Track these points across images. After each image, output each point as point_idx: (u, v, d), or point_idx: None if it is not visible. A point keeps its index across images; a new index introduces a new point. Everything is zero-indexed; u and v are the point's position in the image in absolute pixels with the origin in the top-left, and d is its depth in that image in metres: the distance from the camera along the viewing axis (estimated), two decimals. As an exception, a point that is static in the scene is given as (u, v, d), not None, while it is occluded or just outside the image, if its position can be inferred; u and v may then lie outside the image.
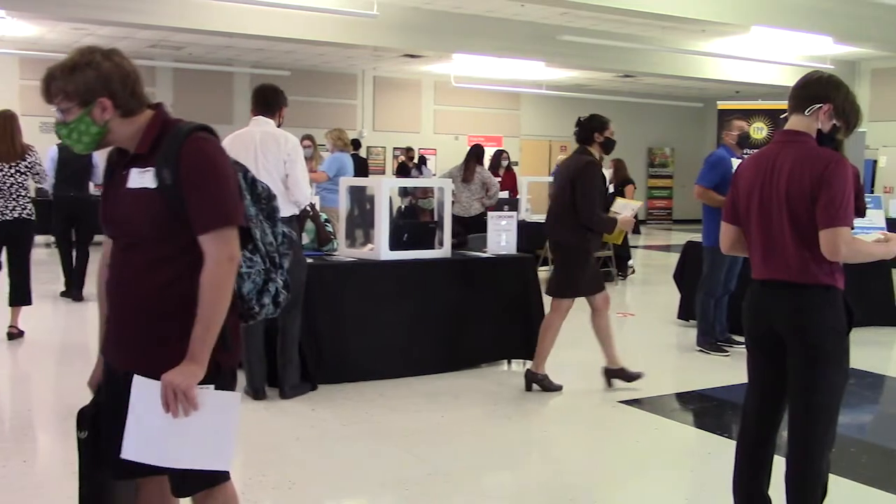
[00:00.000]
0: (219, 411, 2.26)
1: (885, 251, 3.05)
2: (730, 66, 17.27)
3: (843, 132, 3.10)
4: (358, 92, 20.00)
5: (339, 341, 5.71)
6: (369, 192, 6.32)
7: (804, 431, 3.02)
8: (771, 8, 12.54)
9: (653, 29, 14.80)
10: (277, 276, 2.49)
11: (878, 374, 6.57)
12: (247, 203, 2.40)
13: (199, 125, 2.33)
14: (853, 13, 13.09)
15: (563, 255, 5.70)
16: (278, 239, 2.51)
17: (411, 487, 4.01)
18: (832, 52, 15.64)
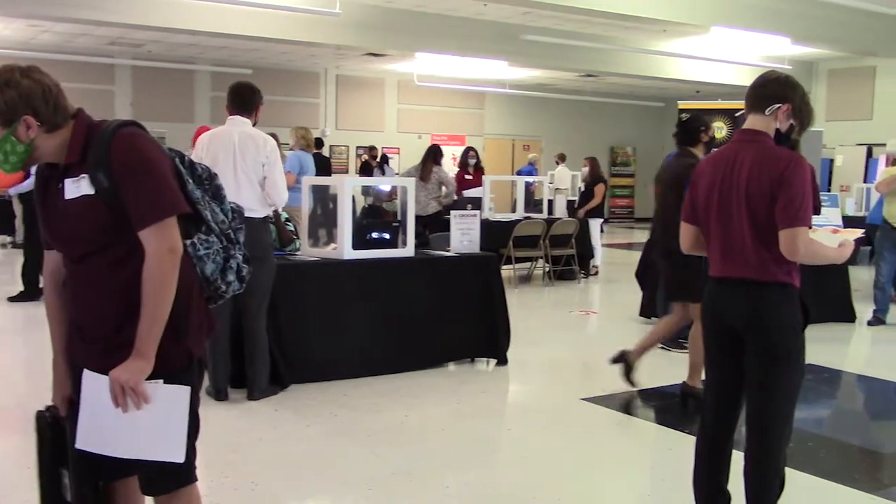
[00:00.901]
0: (169, 405, 2.28)
1: (839, 255, 3.10)
2: (690, 66, 17.46)
3: (798, 132, 3.15)
4: (321, 91, 19.92)
5: (302, 341, 5.68)
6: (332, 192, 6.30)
7: (762, 426, 3.07)
8: (730, 9, 12.70)
9: (615, 29, 14.92)
10: (236, 251, 2.51)
11: (835, 369, 6.68)
12: (191, 187, 2.39)
13: (123, 121, 2.31)
14: (810, 14, 13.30)
15: (677, 262, 4.87)
16: (229, 216, 2.52)
17: (375, 487, 4.00)
18: (790, 53, 15.88)
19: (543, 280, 11.14)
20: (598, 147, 23.65)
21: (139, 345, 2.22)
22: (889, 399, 6.12)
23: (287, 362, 5.56)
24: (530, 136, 22.92)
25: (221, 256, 2.46)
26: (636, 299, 8.46)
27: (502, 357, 6.43)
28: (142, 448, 2.29)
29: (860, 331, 8.30)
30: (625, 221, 24.12)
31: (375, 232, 6.28)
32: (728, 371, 3.16)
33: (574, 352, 7.60)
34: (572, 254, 10.96)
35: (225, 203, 2.52)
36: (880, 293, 8.42)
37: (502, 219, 10.97)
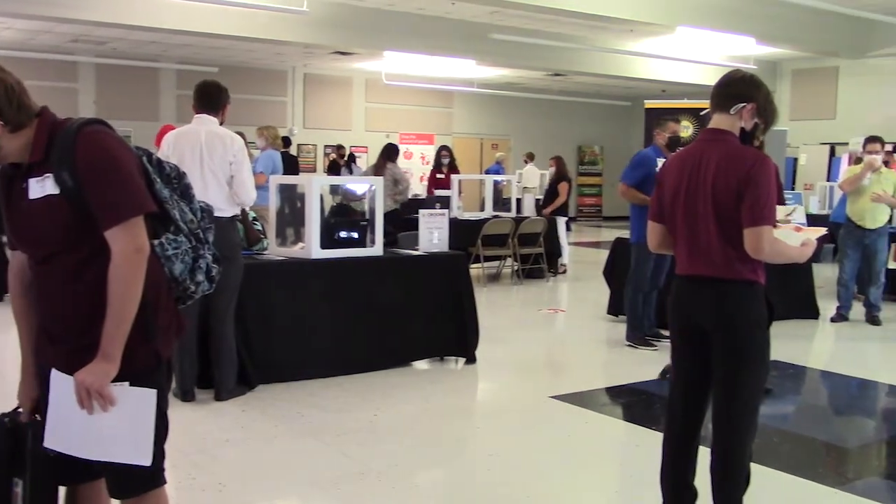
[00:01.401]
0: (135, 408, 2.26)
1: (801, 254, 3.14)
2: (657, 66, 17.60)
3: (763, 130, 3.18)
4: (288, 89, 19.81)
5: (270, 341, 5.65)
6: (300, 191, 6.27)
7: (728, 422, 3.09)
8: (696, 9, 12.82)
9: (582, 28, 14.99)
10: (206, 251, 2.48)
11: (800, 365, 6.76)
12: (159, 186, 2.36)
13: (88, 119, 2.28)
14: (774, 15, 13.46)
15: None
16: (198, 215, 2.49)
17: (343, 487, 3.99)
18: (754, 53, 16.05)
19: (512, 278, 11.17)
20: (566, 146, 23.76)
21: (104, 346, 2.19)
22: (852, 394, 6.20)
23: (255, 362, 5.52)
24: (499, 134, 22.96)
25: (190, 256, 2.42)
26: (604, 297, 8.50)
27: (471, 356, 6.43)
28: (108, 450, 2.26)
29: (824, 327, 8.41)
30: (592, 220, 24.25)
31: (343, 231, 6.25)
32: (695, 368, 3.18)
33: (543, 350, 7.63)
34: (541, 252, 11.00)
35: (194, 202, 2.49)
36: (843, 290, 8.53)
37: (471, 217, 10.97)
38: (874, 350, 7.49)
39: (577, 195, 24.38)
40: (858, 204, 8.35)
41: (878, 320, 8.35)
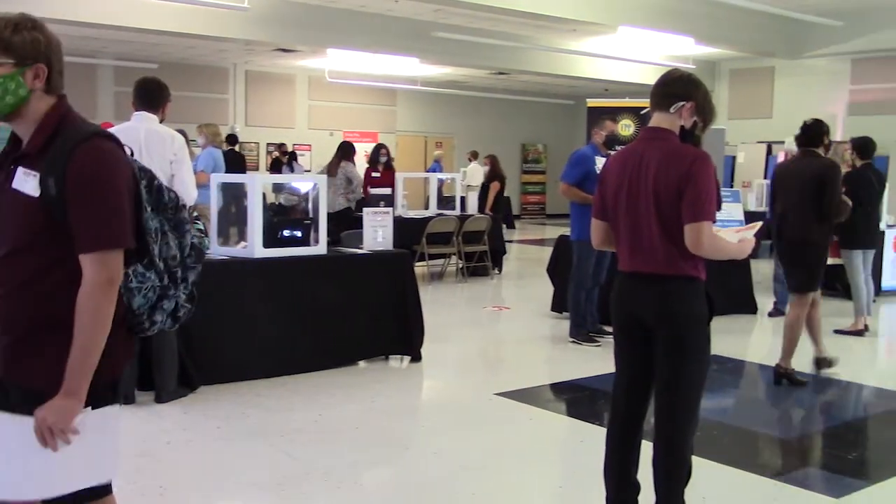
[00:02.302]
0: (99, 429, 2.17)
1: (740, 250, 3.21)
2: (599, 65, 17.78)
3: (701, 128, 3.24)
4: (230, 86, 19.56)
5: (213, 341, 5.57)
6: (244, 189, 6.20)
7: (670, 417, 3.14)
8: (637, 9, 12.98)
9: (526, 27, 15.07)
10: (179, 291, 2.36)
11: (739, 359, 6.90)
12: (147, 216, 2.24)
13: (98, 130, 2.17)
14: (713, 16, 13.70)
15: (809, 252, 5.82)
16: (185, 251, 2.36)
17: (288, 488, 3.95)
18: (694, 53, 16.33)
19: (457, 276, 11.19)
20: (510, 144, 23.90)
21: (69, 382, 2.05)
22: (789, 387, 6.33)
23: (196, 363, 5.44)
24: (443, 133, 22.98)
25: (155, 294, 2.30)
26: (548, 294, 8.57)
27: (416, 354, 6.43)
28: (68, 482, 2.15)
29: (762, 322, 8.59)
30: (536, 218, 24.41)
31: (287, 230, 6.19)
32: (637, 363, 3.22)
33: (487, 347, 7.66)
34: (485, 250, 11.04)
35: (186, 237, 2.36)
36: (780, 286, 8.70)
37: (415, 216, 10.97)
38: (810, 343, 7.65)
39: (520, 193, 24.54)
40: None
41: (813, 315, 8.54)
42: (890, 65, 16.63)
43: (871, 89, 17.23)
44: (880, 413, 5.72)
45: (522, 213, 24.32)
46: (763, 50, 16.13)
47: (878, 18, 14.50)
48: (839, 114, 17.66)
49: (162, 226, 2.31)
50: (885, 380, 6.47)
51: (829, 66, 17.48)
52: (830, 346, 7.46)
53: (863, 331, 7.76)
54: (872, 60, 16.76)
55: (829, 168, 5.85)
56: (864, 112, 17.07)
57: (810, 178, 5.78)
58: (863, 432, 5.31)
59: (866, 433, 5.31)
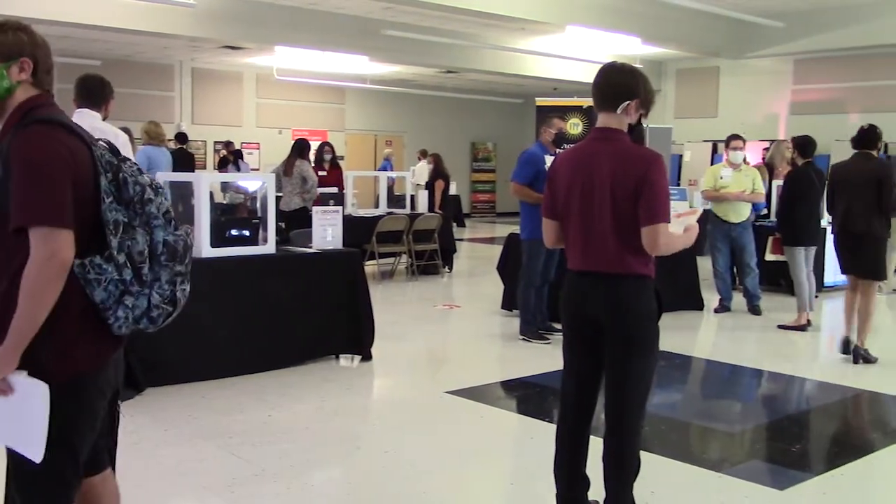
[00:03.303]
0: (26, 398, 2.21)
1: (688, 240, 3.25)
2: (548, 64, 17.90)
3: (644, 115, 3.29)
4: (175, 84, 19.27)
5: (159, 343, 5.44)
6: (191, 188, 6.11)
7: (620, 413, 3.17)
8: (585, 9, 13.09)
9: (475, 26, 15.10)
10: (149, 290, 2.32)
11: (686, 355, 6.99)
12: (105, 207, 2.24)
13: (46, 117, 2.24)
14: (659, 16, 13.88)
15: (875, 244, 6.57)
16: (158, 249, 2.32)
17: (237, 490, 3.90)
18: (640, 53, 16.52)
19: (407, 275, 11.18)
20: (459, 142, 23.94)
21: (8, 337, 2.17)
22: (735, 382, 6.45)
23: (143, 365, 5.35)
24: (392, 131, 22.94)
25: (117, 289, 2.27)
26: (498, 292, 8.60)
27: (366, 353, 6.41)
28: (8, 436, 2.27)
29: (708, 318, 8.72)
30: (486, 216, 24.49)
31: (235, 229, 6.12)
32: (587, 360, 3.25)
33: (438, 346, 7.67)
34: (435, 249, 11.04)
35: (156, 234, 2.33)
36: (721, 283, 8.86)
37: (365, 214, 10.93)
38: (755, 339, 7.81)
39: (470, 192, 24.59)
40: (721, 202, 8.71)
41: (758, 310, 8.71)
42: (831, 65, 17.01)
43: (812, 89, 17.61)
44: (822, 406, 5.85)
45: (472, 211, 24.37)
46: (708, 50, 16.38)
47: (820, 20, 14.83)
48: (782, 113, 18.03)
49: (130, 220, 2.30)
50: (827, 374, 6.61)
51: (772, 66, 17.82)
52: (774, 341, 7.62)
53: (805, 326, 7.92)
54: (814, 61, 17.13)
55: (886, 168, 6.65)
56: (806, 111, 17.44)
57: (870, 178, 6.45)
58: (806, 425, 5.42)
59: (809, 426, 5.42)
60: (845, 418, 5.49)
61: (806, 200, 7.84)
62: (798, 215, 7.86)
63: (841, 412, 5.60)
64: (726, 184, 8.64)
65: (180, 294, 2.41)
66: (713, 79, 19.08)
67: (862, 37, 14.73)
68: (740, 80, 18.48)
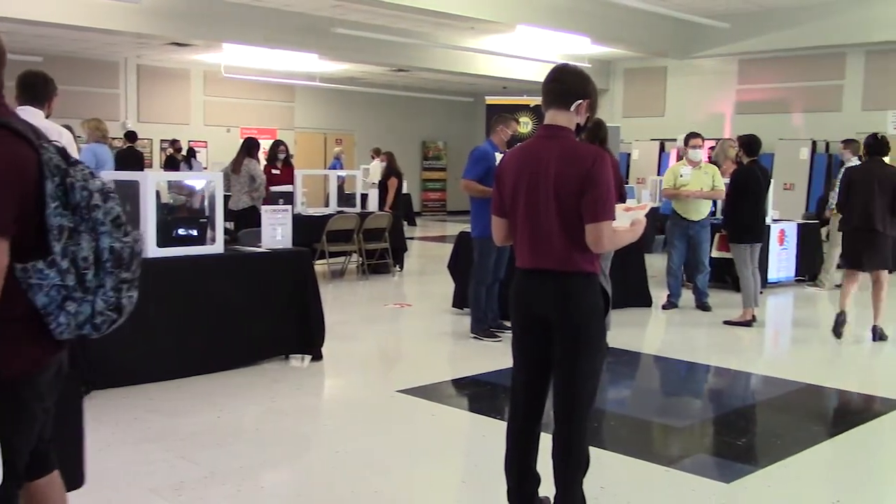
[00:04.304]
0: None
1: (634, 235, 3.30)
2: (498, 63, 17.97)
3: (590, 118, 3.32)
4: (121, 81, 18.95)
5: (105, 344, 5.32)
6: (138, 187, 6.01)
7: (569, 409, 3.19)
8: (535, 8, 13.17)
9: (425, 25, 15.10)
10: (93, 296, 2.27)
11: (635, 351, 7.07)
12: (51, 212, 2.19)
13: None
14: (608, 16, 14.01)
15: (888, 240, 7.31)
16: (103, 255, 2.28)
17: (186, 492, 3.85)
18: (589, 52, 16.66)
19: (358, 274, 11.14)
20: (410, 141, 23.92)
21: None
22: (682, 377, 6.54)
23: (88, 367, 5.24)
24: (342, 129, 22.83)
25: (59, 294, 2.23)
26: (449, 290, 8.61)
27: (317, 353, 6.37)
28: None
29: (656, 314, 8.83)
30: (437, 214, 24.51)
31: (182, 229, 6.04)
32: (536, 357, 3.26)
33: (389, 345, 7.65)
34: (386, 248, 11.02)
35: (102, 241, 2.28)
36: (673, 279, 8.99)
37: (315, 213, 10.86)
38: (702, 335, 7.93)
39: (421, 190, 24.59)
40: (682, 199, 8.83)
41: (706, 306, 8.85)
42: (774, 65, 17.34)
43: (756, 89, 17.93)
44: (767, 400, 5.96)
45: (423, 210, 24.38)
46: (655, 50, 16.59)
47: (764, 21, 15.11)
48: (727, 112, 18.33)
49: (76, 225, 2.25)
50: (772, 368, 6.74)
51: (718, 66, 18.10)
52: (720, 337, 7.75)
53: (750, 321, 8.07)
54: (758, 61, 17.44)
55: None
56: (751, 111, 17.76)
57: (885, 181, 7.21)
58: (751, 419, 5.52)
59: (755, 420, 5.52)
60: (789, 411, 5.61)
61: (751, 198, 7.97)
62: (744, 213, 8.00)
63: (785, 406, 5.72)
64: (686, 182, 8.76)
65: (126, 301, 2.36)
66: (660, 78, 19.33)
67: (804, 38, 15.05)
68: (687, 79, 18.75)
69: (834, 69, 16.84)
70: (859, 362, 7.25)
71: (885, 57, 16.15)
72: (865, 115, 16.41)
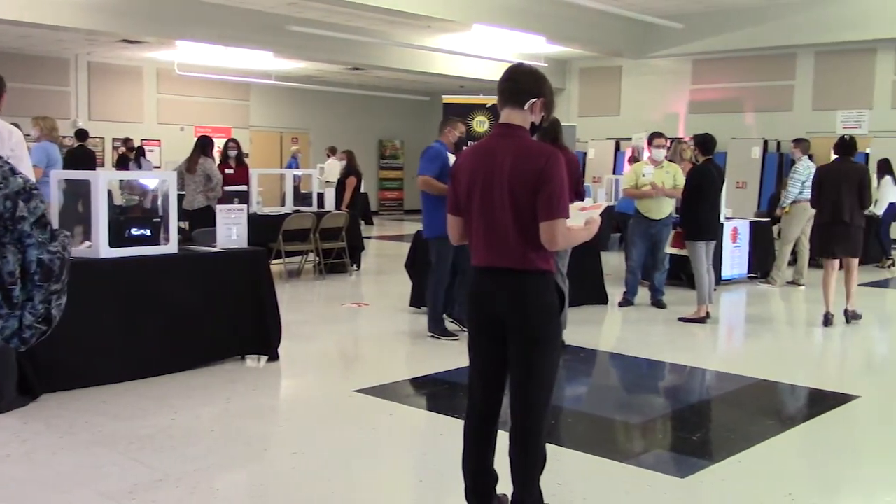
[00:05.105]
0: None
1: (589, 233, 3.31)
2: (454, 62, 17.99)
3: (545, 119, 3.33)
4: (71, 78, 18.63)
5: (55, 347, 5.23)
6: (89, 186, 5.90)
7: (525, 407, 3.19)
8: (491, 8, 13.20)
9: (381, 23, 15.06)
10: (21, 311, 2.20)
11: (591, 349, 7.11)
12: None
13: None
14: (563, 15, 14.10)
15: (860, 231, 8.10)
16: (31, 268, 2.20)
17: (139, 496, 3.79)
18: (545, 51, 16.75)
19: (314, 274, 11.07)
20: (367, 140, 23.84)
21: None
22: (638, 374, 6.60)
23: (38, 370, 5.14)
24: (298, 128, 22.69)
25: None
26: (406, 289, 8.59)
27: (273, 353, 6.31)
28: None
29: (612, 312, 8.90)
30: (394, 214, 24.47)
31: (135, 228, 5.94)
32: (492, 356, 3.26)
33: (346, 344, 7.61)
34: (343, 247, 10.96)
35: (29, 253, 2.19)
36: (632, 277, 9.06)
37: (271, 213, 10.77)
38: (658, 331, 8.00)
39: (378, 189, 24.53)
40: (645, 198, 8.90)
41: (662, 304, 8.93)
42: (727, 66, 17.58)
43: (710, 89, 18.17)
44: (721, 395, 6.03)
45: (380, 209, 24.32)
46: (611, 50, 16.72)
47: (716, 22, 15.32)
48: (681, 112, 18.55)
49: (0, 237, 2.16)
50: (726, 364, 6.83)
51: (672, 66, 18.31)
52: (675, 334, 7.84)
53: (705, 318, 8.16)
54: (711, 61, 17.68)
55: (865, 171, 8.26)
56: (704, 110, 17.99)
57: (853, 179, 7.90)
58: (706, 414, 5.58)
59: (709, 415, 5.58)
60: (743, 406, 5.68)
61: (707, 196, 8.07)
62: (700, 211, 8.08)
63: (739, 401, 5.79)
64: (648, 181, 8.83)
65: (56, 311, 2.28)
66: (616, 78, 19.50)
67: (756, 38, 15.29)
68: (642, 79, 18.94)
69: (785, 70, 17.13)
70: (811, 358, 7.38)
71: (835, 58, 16.47)
72: (816, 114, 16.73)
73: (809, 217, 10.57)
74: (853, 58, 16.19)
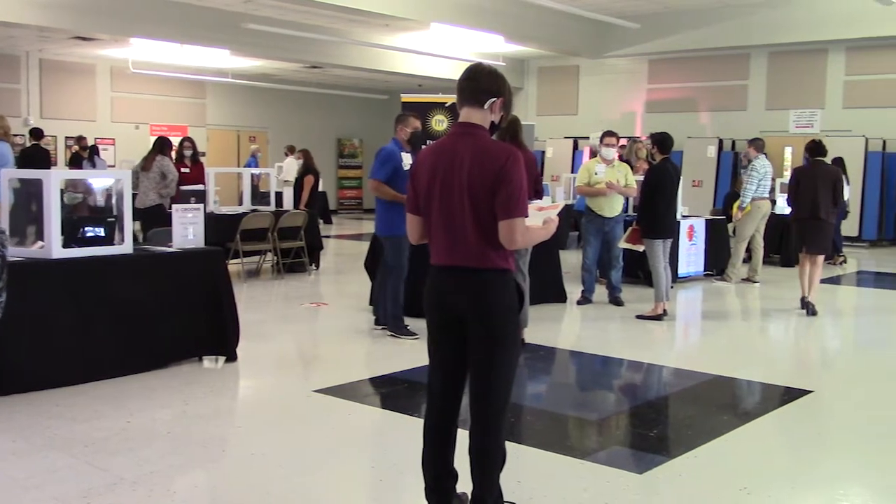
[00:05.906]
0: None
1: (547, 233, 3.33)
2: (412, 61, 17.98)
3: (504, 118, 3.34)
4: (22, 76, 18.28)
5: (7, 349, 5.17)
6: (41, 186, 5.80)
7: (485, 405, 3.20)
8: (449, 7, 13.21)
9: (339, 21, 14.99)
10: None
11: (550, 346, 7.15)
12: None
13: None
14: (521, 15, 14.16)
15: (831, 229, 8.74)
16: None
17: (93, 500, 3.73)
18: (503, 51, 16.81)
19: (273, 273, 10.99)
20: (325, 138, 23.73)
21: None
22: (596, 371, 6.65)
23: (-12, 373, 5.04)
24: (256, 126, 22.50)
25: None
26: (366, 289, 8.56)
27: (231, 354, 6.25)
28: None
29: (571, 310, 8.95)
30: (353, 213, 24.38)
31: (88, 228, 5.85)
32: (451, 355, 3.27)
33: (305, 344, 7.57)
34: (302, 246, 10.90)
35: None
36: (588, 275, 9.12)
37: (228, 212, 10.68)
38: (616, 329, 8.07)
39: (337, 188, 24.42)
40: (597, 196, 8.97)
41: (620, 301, 9.01)
42: (682, 66, 17.79)
43: (665, 88, 18.37)
44: (678, 392, 6.10)
45: (339, 208, 24.22)
46: (568, 49, 16.83)
47: (672, 22, 15.49)
48: (638, 111, 18.73)
49: None
50: (683, 361, 6.91)
51: (628, 65, 18.48)
52: (633, 331, 7.91)
53: (662, 315, 8.25)
54: (667, 61, 17.87)
55: (838, 172, 8.91)
56: (660, 109, 18.19)
57: (827, 179, 8.51)
58: (663, 411, 5.64)
59: (666, 411, 5.64)
60: (700, 402, 5.75)
61: (664, 195, 8.15)
62: (658, 209, 8.16)
63: (695, 397, 5.86)
64: (600, 179, 8.90)
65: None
66: (573, 77, 19.63)
67: (710, 39, 15.50)
68: (599, 78, 19.08)
69: (739, 70, 17.38)
70: (765, 354, 7.49)
71: (787, 58, 16.75)
72: (769, 114, 16.99)
73: (764, 215, 10.75)
74: (805, 58, 16.48)
